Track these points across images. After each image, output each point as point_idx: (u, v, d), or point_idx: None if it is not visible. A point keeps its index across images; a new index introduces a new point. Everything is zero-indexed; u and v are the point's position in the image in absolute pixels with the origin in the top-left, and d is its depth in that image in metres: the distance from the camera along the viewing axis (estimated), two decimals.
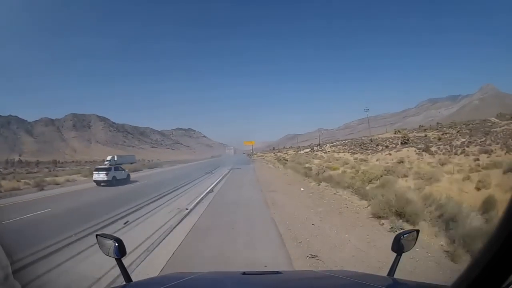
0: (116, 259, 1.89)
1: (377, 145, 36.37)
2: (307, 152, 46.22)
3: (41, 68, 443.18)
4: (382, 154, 29.52)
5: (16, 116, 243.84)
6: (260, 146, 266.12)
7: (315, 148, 47.93)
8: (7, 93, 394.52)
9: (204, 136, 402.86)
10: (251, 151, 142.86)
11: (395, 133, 53.72)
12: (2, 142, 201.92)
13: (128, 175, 26.21)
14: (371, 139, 44.40)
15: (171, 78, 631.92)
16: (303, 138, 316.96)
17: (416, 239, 1.95)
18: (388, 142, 39.85)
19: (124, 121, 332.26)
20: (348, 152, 34.14)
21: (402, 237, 1.85)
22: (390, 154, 28.50)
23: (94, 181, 23.61)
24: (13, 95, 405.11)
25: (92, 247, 5.98)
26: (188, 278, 1.97)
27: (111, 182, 23.12)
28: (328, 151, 38.40)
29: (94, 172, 24.17)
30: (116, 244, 1.86)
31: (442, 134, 45.69)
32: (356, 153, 32.44)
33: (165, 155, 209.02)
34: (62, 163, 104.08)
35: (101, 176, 23.35)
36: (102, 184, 23.11)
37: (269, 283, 1.87)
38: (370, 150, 33.23)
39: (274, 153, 75.63)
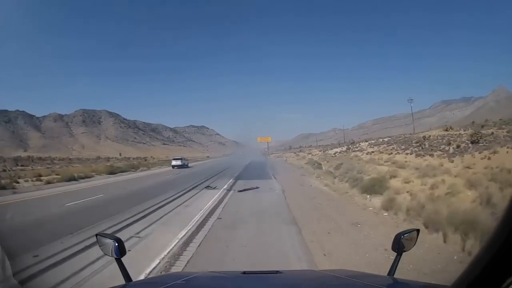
0: (116, 259, 1.88)
1: (449, 144, 25.71)
2: (340, 152, 35.55)
3: (51, 64, 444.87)
4: (472, 157, 19.10)
5: (24, 111, 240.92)
6: (274, 145, 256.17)
7: (350, 146, 37.38)
8: (15, 89, 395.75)
9: (217, 134, 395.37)
10: (266, 149, 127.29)
11: (446, 130, 42.66)
12: (8, 137, 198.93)
13: (188, 163, 44.64)
14: (424, 136, 33.74)
15: (185, 75, 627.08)
16: (316, 137, 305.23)
17: (416, 238, 1.90)
18: (450, 141, 29.25)
19: (136, 118, 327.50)
20: (406, 153, 23.58)
21: (402, 236, 1.82)
22: (488, 158, 18.21)
23: (172, 165, 40.66)
24: (22, 90, 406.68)
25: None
26: (188, 277, 1.97)
27: (181, 166, 39.59)
28: (373, 152, 27.94)
29: (172, 160, 43.24)
30: (116, 244, 1.87)
31: (508, 132, 34.80)
32: (423, 156, 21.92)
33: (176, 153, 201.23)
34: (71, 159, 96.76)
35: (178, 162, 40.97)
36: (175, 167, 38.89)
37: (269, 282, 1.87)
38: (441, 151, 22.72)
39: (295, 152, 64.15)
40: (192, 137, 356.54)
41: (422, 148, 25.95)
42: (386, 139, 40.76)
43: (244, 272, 2.02)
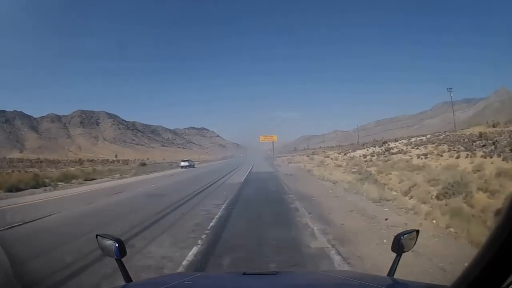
0: (116, 259, 1.86)
1: None
2: (371, 155, 28.61)
3: (50, 64, 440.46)
4: None
5: (21, 111, 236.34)
6: (276, 146, 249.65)
7: (387, 148, 30.47)
8: (14, 89, 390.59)
9: (218, 136, 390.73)
10: (270, 152, 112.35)
11: (493, 126, 36.29)
12: (4, 138, 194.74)
13: (194, 164, 54.37)
14: (481, 133, 27.40)
15: (186, 77, 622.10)
16: (318, 139, 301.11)
17: (416, 239, 1.87)
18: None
19: (135, 119, 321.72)
20: (482, 157, 17.22)
21: (402, 237, 1.79)
22: None
23: (181, 166, 49.52)
24: (20, 91, 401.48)
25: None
26: (188, 278, 1.95)
27: (188, 167, 48.08)
28: (426, 155, 21.30)
29: (181, 162, 52.99)
30: (117, 245, 1.85)
31: None
32: None
33: (175, 155, 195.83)
34: (42, 161, 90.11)
35: (185, 163, 50.09)
36: (184, 168, 47.50)
37: (270, 283, 1.82)
38: None
39: (307, 155, 56.65)
40: (192, 139, 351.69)
41: (496, 148, 19.64)
42: (423, 138, 34.07)
43: (244, 273, 1.98)
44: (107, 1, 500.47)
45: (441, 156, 20.21)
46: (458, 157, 18.64)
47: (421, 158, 20.62)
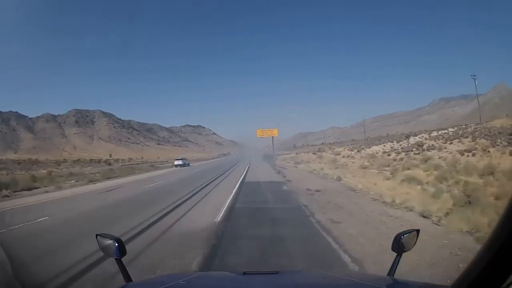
0: (116, 259, 1.86)
1: None
2: (393, 150, 25.54)
3: (46, 65, 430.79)
4: None
5: (16, 112, 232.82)
6: (274, 144, 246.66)
7: (413, 140, 27.41)
8: (8, 89, 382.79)
9: (214, 133, 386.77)
10: (267, 149, 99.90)
11: None
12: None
13: (189, 163, 54.14)
14: None
15: (182, 74, 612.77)
16: (315, 136, 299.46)
17: (416, 238, 1.84)
18: None
19: (131, 118, 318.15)
20: None
21: (402, 236, 1.78)
22: None
23: (175, 165, 48.82)
24: (16, 91, 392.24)
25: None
26: (188, 278, 1.95)
27: (182, 166, 48.16)
28: (470, 151, 18.44)
29: (175, 161, 51.75)
30: (116, 244, 1.84)
31: None
32: None
33: (170, 153, 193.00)
34: (20, 163, 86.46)
35: (179, 162, 49.75)
36: (178, 166, 47.70)
37: (270, 282, 1.83)
38: None
39: (314, 153, 52.23)
40: (188, 137, 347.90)
41: None
42: (447, 131, 31.32)
43: (244, 273, 1.96)
44: (101, 0, 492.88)
45: (488, 152, 17.37)
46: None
47: (466, 155, 17.74)
